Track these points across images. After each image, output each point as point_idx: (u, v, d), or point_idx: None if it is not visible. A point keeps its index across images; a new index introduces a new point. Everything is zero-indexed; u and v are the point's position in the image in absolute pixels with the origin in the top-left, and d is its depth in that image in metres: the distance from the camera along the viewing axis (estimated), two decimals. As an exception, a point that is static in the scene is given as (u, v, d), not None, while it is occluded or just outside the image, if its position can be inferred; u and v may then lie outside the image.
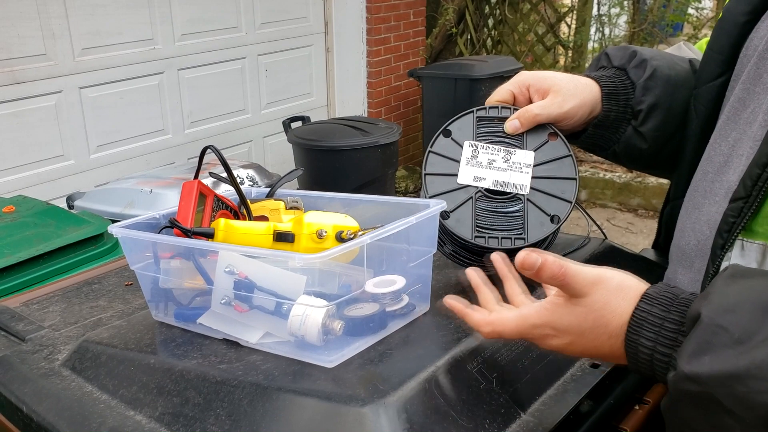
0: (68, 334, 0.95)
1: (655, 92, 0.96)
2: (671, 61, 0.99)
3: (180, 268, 0.89)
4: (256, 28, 4.24)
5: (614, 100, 0.97)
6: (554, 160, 0.95)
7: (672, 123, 0.96)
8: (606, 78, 0.98)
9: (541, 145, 0.95)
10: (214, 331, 0.85)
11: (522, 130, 0.95)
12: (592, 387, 0.78)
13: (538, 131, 0.96)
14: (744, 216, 0.69)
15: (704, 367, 0.55)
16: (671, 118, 0.96)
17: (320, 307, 0.76)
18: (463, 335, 0.79)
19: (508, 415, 0.71)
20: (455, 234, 0.92)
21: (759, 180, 0.67)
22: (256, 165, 2.99)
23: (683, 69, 0.98)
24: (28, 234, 1.86)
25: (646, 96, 0.96)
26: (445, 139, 0.96)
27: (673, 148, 0.98)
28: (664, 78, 0.96)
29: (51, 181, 3.35)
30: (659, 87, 0.96)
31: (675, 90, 0.96)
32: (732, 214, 0.70)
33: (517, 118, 0.95)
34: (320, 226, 0.85)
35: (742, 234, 0.71)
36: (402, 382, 0.70)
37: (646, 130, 0.97)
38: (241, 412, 0.71)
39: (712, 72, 0.84)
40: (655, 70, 0.96)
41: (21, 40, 3.13)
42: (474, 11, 5.60)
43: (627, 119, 0.98)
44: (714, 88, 0.84)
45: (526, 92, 0.97)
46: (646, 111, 0.96)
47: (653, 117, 0.96)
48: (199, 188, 0.92)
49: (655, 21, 5.83)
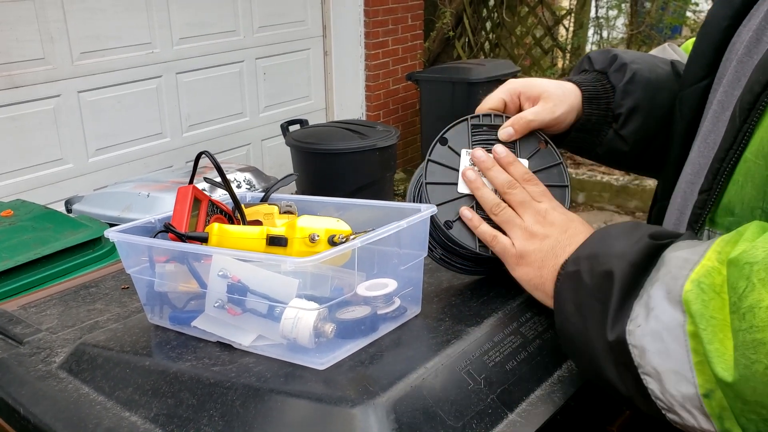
0: (65, 337, 0.96)
1: (635, 95, 0.98)
2: (652, 63, 1.01)
3: (175, 272, 0.91)
4: (254, 32, 4.26)
5: (595, 104, 0.99)
6: (546, 168, 0.96)
7: (653, 125, 0.99)
8: (587, 82, 1.00)
9: (534, 153, 0.96)
10: (208, 333, 0.86)
11: (516, 137, 0.96)
12: (579, 387, 0.79)
13: (529, 139, 0.97)
14: (706, 208, 0.74)
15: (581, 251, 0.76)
16: (652, 120, 0.99)
17: (312, 310, 0.77)
18: (453, 338, 0.81)
19: (495, 416, 0.73)
20: (460, 243, 0.91)
21: (718, 174, 0.72)
22: (253, 168, 3.01)
23: (664, 71, 1.01)
24: (26, 238, 1.88)
25: (625, 99, 0.98)
26: (442, 147, 0.96)
27: (656, 150, 1.00)
28: (644, 81, 0.98)
29: (49, 184, 3.36)
30: (639, 90, 0.98)
31: (655, 93, 0.98)
32: (698, 206, 0.75)
33: (511, 125, 0.95)
34: (312, 230, 0.86)
35: (707, 224, 0.75)
36: (391, 384, 0.71)
37: (626, 133, 0.99)
38: (233, 413, 0.72)
39: (696, 75, 0.86)
40: (635, 74, 0.98)
41: (19, 44, 3.15)
42: (472, 15, 5.62)
43: (608, 122, 1.00)
44: (698, 91, 0.86)
45: (516, 100, 0.99)
46: (626, 114, 0.98)
47: (633, 120, 0.98)
48: (193, 193, 0.93)
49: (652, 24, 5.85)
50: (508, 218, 0.87)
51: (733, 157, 0.71)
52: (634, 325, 0.65)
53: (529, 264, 0.84)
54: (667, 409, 0.64)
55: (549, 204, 0.87)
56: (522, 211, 0.87)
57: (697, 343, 0.60)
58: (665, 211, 0.88)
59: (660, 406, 0.65)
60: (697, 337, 0.60)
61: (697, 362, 0.60)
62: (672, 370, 0.62)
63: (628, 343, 0.65)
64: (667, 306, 0.63)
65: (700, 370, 0.60)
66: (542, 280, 0.82)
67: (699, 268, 0.62)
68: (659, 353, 0.62)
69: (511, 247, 0.86)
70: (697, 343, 0.60)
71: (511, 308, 0.88)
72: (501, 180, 0.89)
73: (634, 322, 0.65)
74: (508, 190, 0.89)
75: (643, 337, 0.64)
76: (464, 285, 0.96)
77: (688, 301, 0.61)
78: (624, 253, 0.69)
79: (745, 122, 0.69)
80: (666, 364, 0.62)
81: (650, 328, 0.63)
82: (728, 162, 0.71)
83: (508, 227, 0.87)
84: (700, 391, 0.60)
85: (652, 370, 0.63)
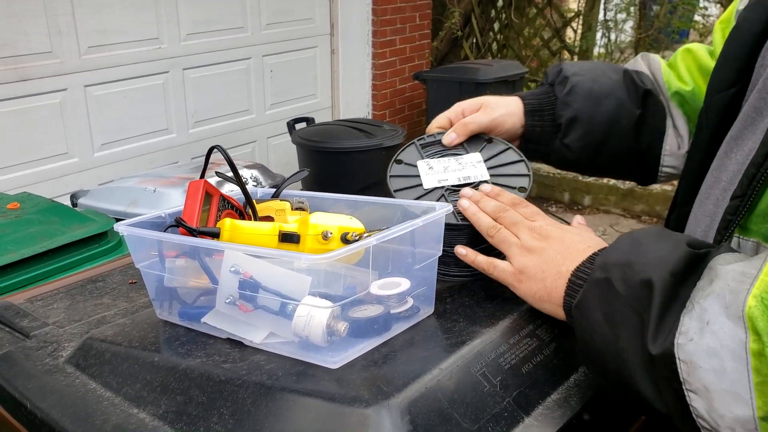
0: (72, 331, 0.95)
1: (574, 106, 1.04)
2: (598, 73, 1.07)
3: (185, 267, 0.89)
4: (261, 29, 4.25)
5: (537, 115, 1.07)
6: (498, 154, 1.04)
7: (596, 133, 1.05)
8: (531, 96, 1.09)
9: (482, 148, 1.05)
10: (218, 330, 0.85)
11: (459, 140, 1.05)
12: (596, 392, 0.78)
13: (475, 140, 1.06)
14: (739, 214, 0.72)
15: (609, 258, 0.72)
16: (595, 128, 1.05)
17: (325, 308, 0.76)
18: (468, 339, 0.79)
19: (511, 419, 0.71)
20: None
21: (754, 179, 0.70)
22: (260, 165, 3.00)
23: (610, 81, 1.06)
24: (32, 231, 1.87)
25: (565, 110, 1.05)
26: (399, 165, 1.05)
27: (611, 155, 1.07)
28: (585, 92, 1.05)
29: (55, 178, 3.36)
30: (579, 101, 1.04)
31: (597, 102, 1.04)
32: (729, 212, 0.73)
33: (453, 130, 1.06)
34: (325, 228, 0.85)
35: (738, 231, 0.73)
36: (406, 384, 0.70)
37: (570, 142, 1.06)
38: (244, 412, 0.71)
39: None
40: (575, 85, 1.05)
41: (27, 37, 3.14)
42: (480, 15, 5.60)
43: (555, 132, 1.07)
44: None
45: (461, 116, 1.07)
46: (566, 124, 1.05)
47: (574, 129, 1.05)
48: (205, 188, 0.92)
49: (661, 27, 5.83)
50: (503, 238, 0.88)
51: None
52: (684, 339, 0.61)
53: (530, 278, 0.83)
54: (710, 429, 0.61)
55: (543, 221, 0.88)
56: (517, 231, 0.87)
57: (761, 363, 0.56)
58: (686, 218, 0.87)
59: (701, 425, 0.61)
60: (762, 356, 0.56)
61: (758, 383, 0.57)
62: (726, 390, 0.58)
63: (677, 357, 0.61)
64: (725, 321, 0.59)
65: (760, 391, 0.57)
66: (547, 291, 0.81)
67: (759, 283, 0.59)
68: (714, 371, 0.59)
69: (510, 267, 0.86)
70: (760, 363, 0.56)
71: (527, 310, 0.86)
72: (492, 206, 0.92)
73: (685, 335, 0.61)
74: (500, 214, 0.90)
75: (696, 352, 0.60)
76: (478, 286, 0.95)
77: (753, 317, 0.57)
78: (663, 261, 0.66)
79: None
80: (720, 383, 0.58)
81: (705, 343, 0.59)
82: (766, 168, 0.69)
83: (505, 247, 0.87)
84: (759, 413, 0.57)
85: (702, 388, 0.60)
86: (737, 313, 0.58)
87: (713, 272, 0.64)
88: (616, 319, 0.68)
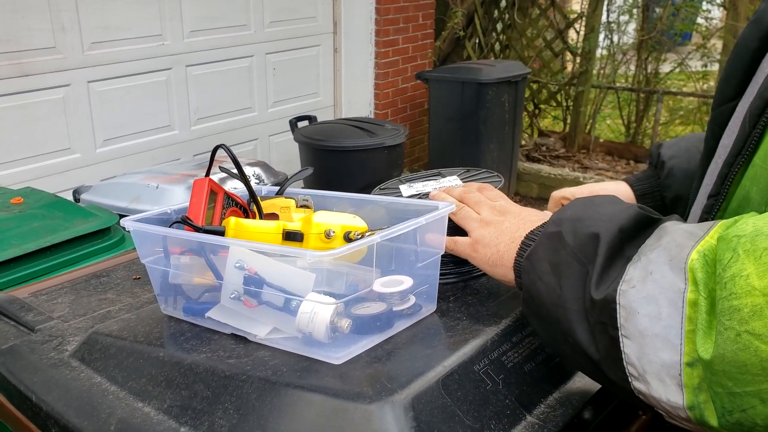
0: (77, 326, 0.96)
1: (674, 188, 1.14)
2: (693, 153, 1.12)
3: (190, 263, 0.90)
4: (264, 27, 4.25)
5: (649, 197, 1.18)
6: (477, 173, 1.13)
7: None
8: (637, 181, 1.20)
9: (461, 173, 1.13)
10: (222, 325, 0.86)
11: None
12: (597, 391, 0.78)
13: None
14: (712, 212, 0.76)
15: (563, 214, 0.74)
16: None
17: (328, 304, 0.76)
18: (471, 337, 0.80)
19: (513, 417, 0.72)
20: None
21: (726, 178, 0.74)
22: (262, 163, 3.00)
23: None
24: (35, 226, 1.87)
25: (667, 192, 1.16)
26: (381, 191, 1.11)
27: None
28: (681, 173, 1.13)
29: (57, 174, 3.36)
30: (678, 182, 1.13)
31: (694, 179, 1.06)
32: (705, 211, 0.77)
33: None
34: (329, 226, 0.85)
35: None
36: (409, 381, 0.70)
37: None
38: (249, 407, 0.72)
39: (727, 95, 0.87)
40: (672, 168, 1.15)
41: (30, 32, 3.14)
42: (483, 15, 5.60)
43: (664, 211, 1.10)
44: (727, 110, 0.86)
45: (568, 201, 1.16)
46: (670, 204, 1.15)
47: (679, 207, 1.13)
48: (210, 186, 0.93)
49: (663, 29, 5.83)
50: (465, 214, 0.92)
51: (741, 162, 0.72)
52: (627, 286, 0.64)
53: (485, 246, 0.86)
54: (637, 377, 0.63)
55: (505, 201, 0.92)
56: (479, 209, 0.91)
57: (694, 312, 0.59)
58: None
59: (630, 372, 0.63)
60: (696, 305, 0.59)
61: (689, 330, 0.59)
62: (658, 335, 0.61)
63: (617, 303, 0.63)
64: (668, 271, 0.62)
65: (690, 339, 0.59)
66: (499, 255, 0.84)
67: (704, 242, 0.61)
68: (650, 316, 0.61)
69: (468, 239, 0.89)
70: (694, 311, 0.59)
71: (529, 309, 0.87)
72: (458, 191, 0.98)
73: (628, 283, 0.64)
74: (464, 195, 0.95)
75: (636, 299, 0.62)
76: (480, 285, 0.96)
77: (693, 269, 0.60)
78: (612, 218, 0.69)
79: (754, 127, 0.70)
80: (654, 328, 0.61)
81: (647, 290, 0.62)
82: (736, 166, 0.72)
83: (466, 223, 0.91)
84: (685, 359, 0.59)
85: (636, 333, 0.62)
86: (680, 264, 0.61)
87: (663, 231, 0.66)
88: (562, 269, 0.70)
